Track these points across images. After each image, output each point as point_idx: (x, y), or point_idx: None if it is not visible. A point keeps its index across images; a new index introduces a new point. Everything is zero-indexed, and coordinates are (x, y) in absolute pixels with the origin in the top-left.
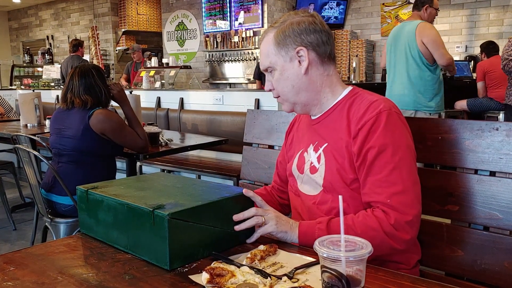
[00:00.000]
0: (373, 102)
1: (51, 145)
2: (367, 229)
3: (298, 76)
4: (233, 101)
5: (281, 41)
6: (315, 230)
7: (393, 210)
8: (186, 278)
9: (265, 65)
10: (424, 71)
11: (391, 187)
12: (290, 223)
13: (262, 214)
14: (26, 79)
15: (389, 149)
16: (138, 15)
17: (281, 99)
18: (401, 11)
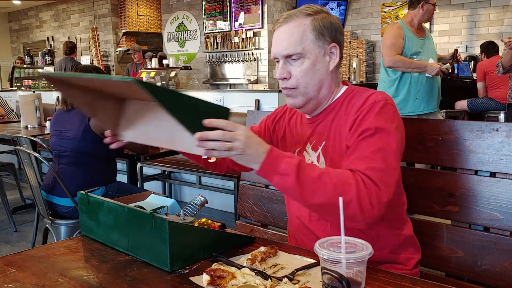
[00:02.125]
0: (371, 95)
1: (51, 146)
2: (343, 182)
3: (327, 72)
4: (234, 102)
5: (320, 30)
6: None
7: (372, 182)
8: (187, 279)
9: (295, 49)
10: (383, 73)
11: (372, 163)
12: (258, 153)
13: (231, 137)
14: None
15: (378, 133)
16: (138, 16)
17: (297, 92)
18: (401, 12)
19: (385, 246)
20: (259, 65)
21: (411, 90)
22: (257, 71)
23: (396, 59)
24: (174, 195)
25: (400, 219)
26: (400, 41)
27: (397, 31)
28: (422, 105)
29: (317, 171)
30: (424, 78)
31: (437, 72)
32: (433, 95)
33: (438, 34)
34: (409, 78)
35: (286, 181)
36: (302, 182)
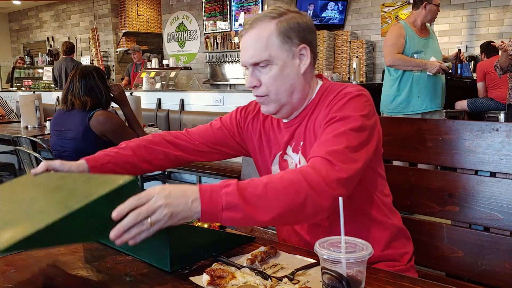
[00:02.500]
0: (343, 89)
1: (51, 146)
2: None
3: (297, 75)
4: (234, 102)
5: (285, 34)
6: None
7: (327, 163)
8: (187, 279)
9: (261, 57)
10: (386, 73)
11: (332, 146)
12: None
13: (147, 211)
14: (27, 81)
15: (342, 119)
16: (138, 16)
17: (268, 99)
18: (401, 12)
19: (377, 243)
20: None
21: (413, 88)
22: None
23: (396, 57)
24: None
25: (387, 210)
26: (401, 40)
27: (398, 31)
28: (425, 103)
29: (259, 186)
30: (426, 77)
31: (437, 70)
32: (437, 93)
33: (438, 34)
34: (411, 76)
35: (236, 212)
36: (252, 204)
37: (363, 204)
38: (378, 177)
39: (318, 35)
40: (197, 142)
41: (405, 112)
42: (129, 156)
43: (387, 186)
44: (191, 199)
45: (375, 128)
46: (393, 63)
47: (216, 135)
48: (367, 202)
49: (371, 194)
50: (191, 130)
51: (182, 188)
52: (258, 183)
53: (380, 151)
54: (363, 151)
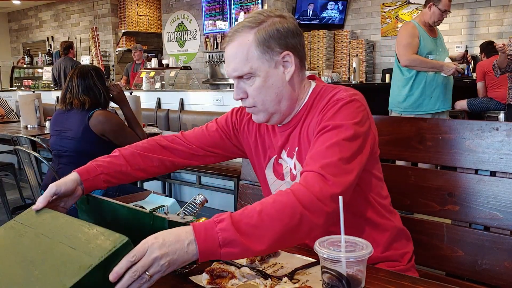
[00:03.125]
0: (335, 94)
1: (51, 146)
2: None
3: (283, 84)
4: (233, 102)
5: (265, 44)
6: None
7: (321, 179)
8: (187, 279)
9: (242, 70)
10: (397, 72)
11: (325, 158)
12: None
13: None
14: (26, 81)
15: (334, 128)
16: (138, 16)
17: (256, 109)
18: (401, 11)
19: (377, 245)
20: None
21: (426, 88)
22: None
23: (413, 58)
24: (174, 194)
25: (386, 212)
26: (415, 40)
27: (412, 30)
28: (438, 103)
29: (254, 215)
30: (439, 77)
31: (453, 72)
32: (448, 93)
33: None
34: (424, 77)
35: (234, 247)
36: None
37: (360, 207)
38: (373, 179)
39: (318, 34)
40: (193, 146)
41: (417, 112)
42: (122, 165)
43: (384, 187)
44: (186, 242)
45: (369, 133)
46: (409, 63)
47: (212, 138)
48: (364, 205)
49: (367, 196)
50: (187, 133)
51: (176, 233)
52: (252, 212)
53: (375, 153)
54: (357, 160)
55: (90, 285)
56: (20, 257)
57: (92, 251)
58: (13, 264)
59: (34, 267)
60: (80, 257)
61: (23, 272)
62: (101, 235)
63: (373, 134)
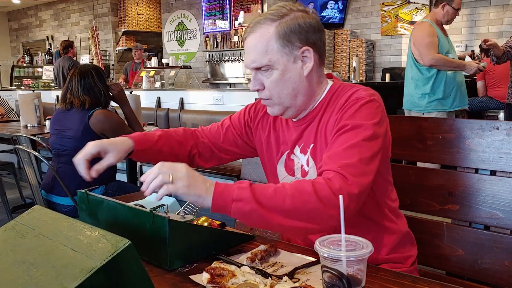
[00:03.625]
0: (354, 93)
1: (51, 145)
2: (299, 192)
3: (300, 78)
4: (233, 101)
5: (285, 37)
6: (233, 189)
7: (341, 178)
8: (187, 278)
9: (261, 62)
10: (415, 71)
11: (344, 159)
12: (207, 185)
13: (169, 171)
14: (26, 80)
15: (354, 129)
16: (138, 15)
17: (272, 102)
18: (401, 11)
19: (382, 247)
20: None
21: (446, 87)
22: None
23: (437, 57)
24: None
25: (394, 216)
26: (435, 39)
27: (431, 29)
28: (456, 101)
29: (271, 188)
30: (457, 76)
31: (475, 70)
32: (465, 91)
33: None
34: (445, 75)
35: (244, 205)
36: (261, 201)
37: (371, 211)
38: (386, 183)
39: None
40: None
41: (438, 110)
42: (163, 145)
43: (394, 191)
44: (208, 183)
45: (386, 135)
46: (435, 63)
47: (225, 135)
48: (375, 209)
49: (379, 200)
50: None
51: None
52: (271, 186)
53: (388, 156)
54: (375, 161)
55: None
56: (20, 258)
57: (94, 254)
58: (13, 265)
59: (35, 268)
60: (81, 260)
61: (24, 274)
62: (103, 238)
63: (388, 135)
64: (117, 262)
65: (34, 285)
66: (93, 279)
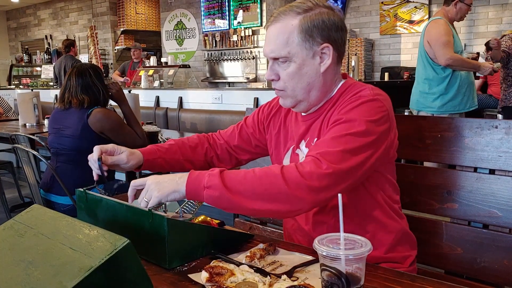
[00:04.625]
0: (361, 91)
1: (49, 144)
2: (267, 175)
3: (317, 74)
4: (232, 100)
5: (308, 32)
6: (204, 176)
7: (315, 162)
8: (186, 277)
9: (280, 53)
10: (429, 71)
11: (327, 147)
12: (176, 180)
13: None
14: (25, 79)
15: (347, 122)
16: (136, 15)
17: (285, 94)
18: (400, 10)
19: (381, 245)
20: (258, 63)
21: (460, 87)
22: (255, 69)
23: (455, 57)
24: None
25: (393, 217)
26: (451, 38)
27: (447, 27)
28: (469, 102)
29: (240, 174)
30: (470, 76)
31: (490, 71)
32: (475, 92)
33: None
34: (459, 75)
35: (215, 191)
36: (230, 187)
37: (368, 206)
38: (386, 183)
39: None
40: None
41: (451, 111)
42: (176, 153)
43: (398, 193)
44: (178, 176)
45: (386, 136)
46: (452, 63)
47: (240, 135)
48: (372, 204)
49: (376, 196)
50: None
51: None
52: (241, 172)
53: (392, 158)
54: (362, 156)
55: (91, 287)
56: (19, 257)
57: (92, 253)
58: (12, 264)
59: (34, 267)
60: (80, 259)
61: (22, 272)
62: (101, 236)
63: (391, 138)
64: (115, 261)
65: (33, 284)
66: (91, 278)
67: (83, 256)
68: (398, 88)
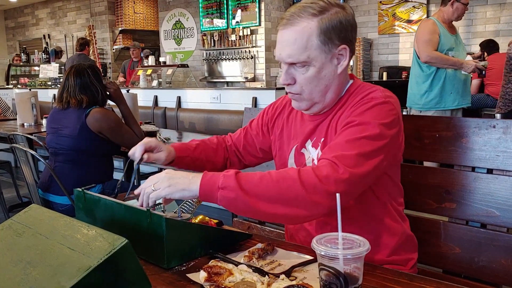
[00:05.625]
0: (370, 93)
1: (47, 144)
2: (284, 179)
3: (334, 76)
4: (231, 100)
5: (326, 34)
6: (219, 177)
7: (331, 166)
8: (184, 276)
9: (298, 58)
10: (417, 68)
11: (341, 151)
12: (189, 178)
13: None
14: (23, 78)
15: (360, 125)
16: (135, 14)
17: (301, 97)
18: (398, 9)
19: (384, 248)
20: (256, 62)
21: (446, 85)
22: (254, 69)
23: (434, 55)
24: None
25: (397, 219)
26: (435, 37)
27: (432, 27)
28: (457, 99)
29: (256, 176)
30: (459, 73)
31: (473, 69)
32: (467, 90)
33: None
34: (444, 73)
35: (229, 192)
36: (246, 189)
37: (374, 209)
38: (393, 186)
39: None
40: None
41: (436, 108)
42: (201, 153)
43: (402, 195)
44: (192, 175)
45: (397, 138)
46: (430, 60)
47: (245, 139)
48: (379, 207)
49: (384, 201)
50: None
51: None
52: (257, 174)
53: (398, 161)
54: (375, 160)
55: (89, 287)
56: (17, 257)
57: (91, 253)
58: (10, 264)
59: (32, 267)
60: (78, 259)
61: (20, 272)
62: (100, 236)
63: (399, 141)
64: (114, 260)
65: (31, 284)
66: (90, 277)
67: (81, 256)
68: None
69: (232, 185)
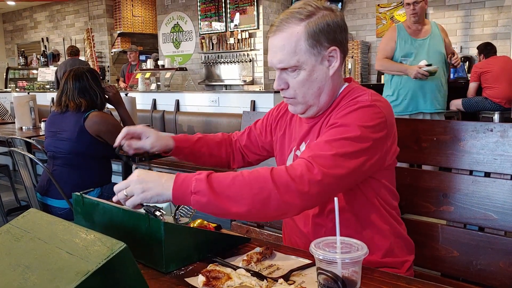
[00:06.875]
0: (359, 96)
1: (46, 148)
2: (256, 179)
3: (326, 78)
4: (229, 103)
5: (315, 37)
6: (191, 181)
7: (306, 165)
8: (182, 280)
9: (289, 63)
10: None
11: (320, 151)
12: (162, 182)
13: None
14: (21, 82)
15: (341, 126)
16: (133, 17)
17: (296, 101)
18: (396, 12)
19: (377, 249)
20: (255, 66)
21: (400, 91)
22: (252, 72)
23: (381, 62)
24: None
25: (391, 222)
26: (390, 44)
27: (390, 35)
28: (411, 105)
29: (228, 177)
30: (412, 80)
31: (415, 75)
32: (425, 96)
33: None
34: (399, 79)
35: (202, 197)
36: (218, 192)
37: (366, 212)
38: (382, 188)
39: None
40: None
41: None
42: (202, 146)
43: (396, 198)
44: (164, 179)
45: (384, 142)
46: (380, 68)
47: (248, 137)
48: (370, 211)
49: (374, 203)
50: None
51: (159, 173)
52: (230, 175)
53: (390, 165)
54: (354, 161)
55: None
56: (15, 262)
57: (89, 257)
58: (8, 269)
59: (30, 272)
60: (77, 263)
61: (19, 277)
62: (98, 241)
63: (387, 145)
64: (112, 265)
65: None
66: (88, 282)
67: (80, 260)
68: None
69: (203, 189)
